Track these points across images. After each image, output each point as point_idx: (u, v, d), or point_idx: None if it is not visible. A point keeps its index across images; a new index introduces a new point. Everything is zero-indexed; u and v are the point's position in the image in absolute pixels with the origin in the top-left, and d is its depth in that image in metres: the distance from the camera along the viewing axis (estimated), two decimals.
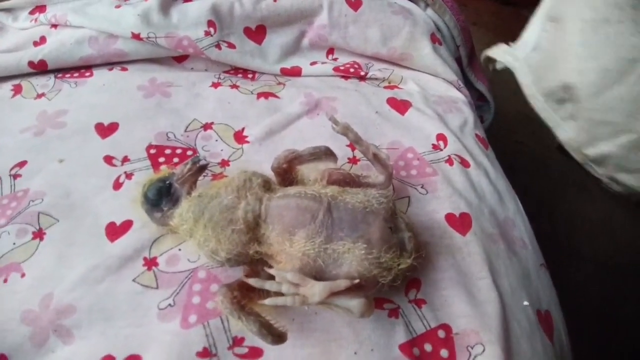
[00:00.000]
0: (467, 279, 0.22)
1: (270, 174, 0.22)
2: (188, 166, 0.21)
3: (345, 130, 0.21)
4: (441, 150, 0.28)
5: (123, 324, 0.20)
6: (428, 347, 0.19)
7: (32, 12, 0.35)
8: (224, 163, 0.26)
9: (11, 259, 0.23)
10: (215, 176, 0.25)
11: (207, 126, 0.28)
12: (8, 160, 0.27)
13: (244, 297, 0.18)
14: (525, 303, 0.22)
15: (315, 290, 0.16)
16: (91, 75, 0.32)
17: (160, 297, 0.21)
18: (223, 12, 0.32)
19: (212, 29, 0.31)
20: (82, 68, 0.32)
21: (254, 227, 0.19)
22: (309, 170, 0.22)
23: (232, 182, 0.20)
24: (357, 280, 0.16)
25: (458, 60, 0.38)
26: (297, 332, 0.19)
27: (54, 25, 0.33)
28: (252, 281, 0.18)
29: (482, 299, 0.21)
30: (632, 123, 0.32)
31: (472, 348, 0.19)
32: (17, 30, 0.35)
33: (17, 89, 0.31)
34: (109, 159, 0.26)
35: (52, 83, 0.32)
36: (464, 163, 0.27)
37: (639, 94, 0.31)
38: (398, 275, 0.18)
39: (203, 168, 0.21)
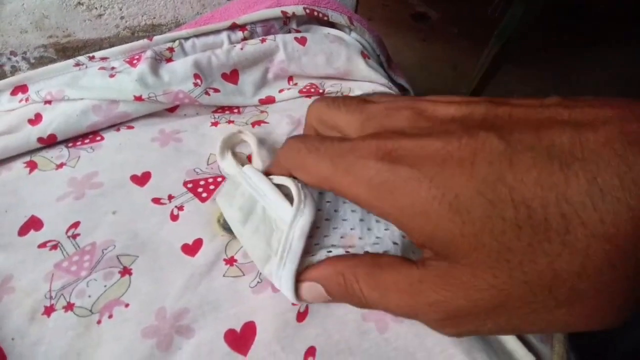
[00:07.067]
0: None
1: None
2: None
3: None
4: None
5: (229, 306, 0.28)
6: None
7: (13, 93, 0.37)
8: None
9: (108, 298, 0.28)
10: None
11: None
12: (59, 227, 0.31)
13: None
14: None
15: None
16: (102, 139, 0.36)
17: (248, 280, 0.28)
18: (203, 65, 0.39)
19: (198, 80, 0.39)
20: (89, 134, 0.37)
21: None
22: None
23: None
24: None
25: (381, 66, 0.51)
26: None
27: (47, 102, 0.36)
28: None
29: None
30: None
31: None
32: (2, 112, 0.37)
33: (32, 165, 0.35)
34: (156, 200, 0.32)
35: (66, 153, 0.35)
36: None
37: None
38: None
39: None
